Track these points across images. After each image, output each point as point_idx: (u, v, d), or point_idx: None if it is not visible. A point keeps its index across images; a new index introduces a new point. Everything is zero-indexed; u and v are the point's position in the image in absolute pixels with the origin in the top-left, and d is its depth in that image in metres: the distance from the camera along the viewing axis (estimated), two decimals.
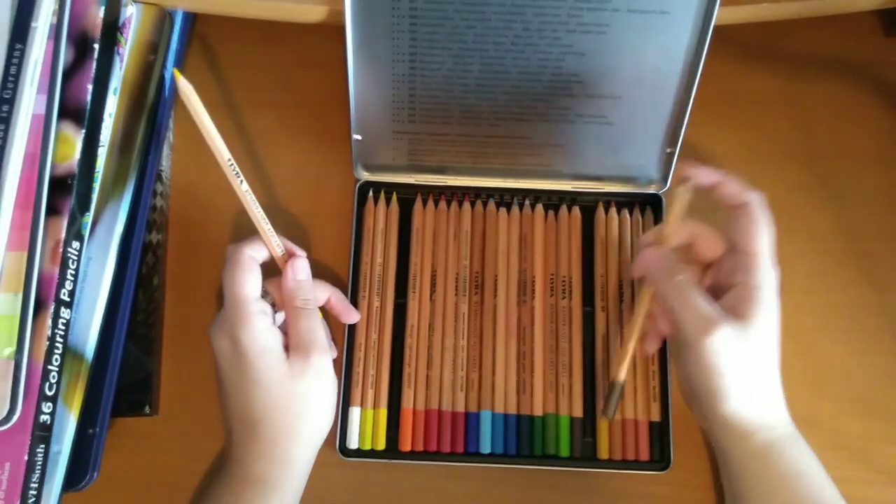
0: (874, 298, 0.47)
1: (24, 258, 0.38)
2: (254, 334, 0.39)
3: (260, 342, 0.39)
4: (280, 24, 0.45)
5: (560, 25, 0.40)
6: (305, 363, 0.39)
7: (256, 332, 0.39)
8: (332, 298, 0.44)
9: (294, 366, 0.39)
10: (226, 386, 0.40)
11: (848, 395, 0.45)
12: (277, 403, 0.39)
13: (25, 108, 0.39)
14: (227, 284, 0.40)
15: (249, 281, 0.40)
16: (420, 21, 0.40)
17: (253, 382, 0.39)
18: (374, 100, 0.43)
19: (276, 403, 0.39)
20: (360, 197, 0.47)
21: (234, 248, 0.41)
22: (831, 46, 0.52)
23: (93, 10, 0.41)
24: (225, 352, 0.39)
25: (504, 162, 0.47)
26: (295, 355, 0.39)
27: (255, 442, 0.39)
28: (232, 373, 0.39)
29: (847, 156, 0.50)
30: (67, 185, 0.39)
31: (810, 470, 0.39)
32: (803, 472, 0.38)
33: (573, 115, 0.44)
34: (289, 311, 0.41)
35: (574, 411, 0.44)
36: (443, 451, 0.44)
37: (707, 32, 0.40)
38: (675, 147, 0.45)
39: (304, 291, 0.41)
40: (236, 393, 0.39)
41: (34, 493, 0.38)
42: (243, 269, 0.40)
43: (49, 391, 0.38)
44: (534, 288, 0.46)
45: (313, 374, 0.39)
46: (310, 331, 0.40)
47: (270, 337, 0.40)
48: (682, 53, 0.41)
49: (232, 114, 0.50)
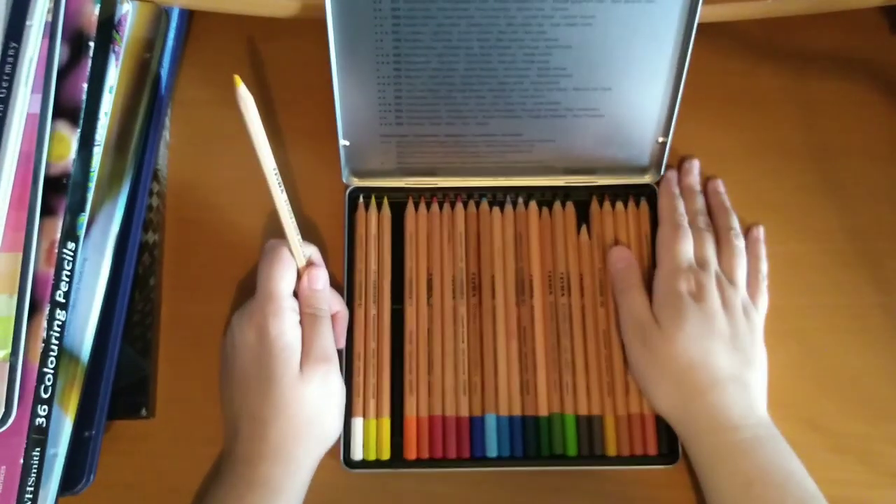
0: (879, 299, 0.47)
1: (18, 259, 0.38)
2: (282, 328, 0.39)
3: (286, 337, 0.40)
4: (276, 23, 0.45)
5: (545, 19, 0.40)
6: (315, 370, 0.40)
7: (285, 327, 0.40)
8: (339, 316, 0.44)
9: (305, 371, 0.40)
10: (239, 381, 0.40)
11: (852, 396, 0.45)
12: (288, 405, 0.39)
13: (20, 107, 0.39)
14: (264, 277, 0.41)
15: (286, 277, 0.41)
16: (403, 21, 0.40)
17: (271, 379, 0.39)
18: (361, 104, 0.43)
19: (287, 405, 0.39)
20: (350, 203, 0.47)
21: (276, 243, 0.41)
22: (836, 43, 0.51)
23: (88, 7, 0.41)
24: (250, 343, 0.40)
25: (495, 160, 0.47)
26: (305, 362, 0.40)
27: (263, 443, 0.39)
28: (251, 366, 0.40)
29: (852, 154, 0.49)
30: (62, 185, 0.39)
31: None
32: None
33: (563, 109, 0.44)
34: (303, 317, 0.41)
35: (579, 409, 0.44)
36: (448, 457, 0.43)
37: (694, 19, 0.40)
38: (667, 137, 0.45)
39: (318, 300, 0.42)
40: (251, 388, 0.40)
41: (30, 497, 0.38)
42: (282, 264, 0.41)
43: (45, 393, 0.38)
44: (532, 286, 0.46)
45: (321, 380, 0.40)
46: (321, 339, 0.41)
47: (295, 335, 0.40)
48: (670, 41, 0.41)
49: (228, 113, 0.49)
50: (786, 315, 0.46)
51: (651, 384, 0.42)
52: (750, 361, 0.42)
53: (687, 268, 0.43)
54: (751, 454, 0.39)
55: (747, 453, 0.39)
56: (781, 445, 0.40)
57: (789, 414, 0.44)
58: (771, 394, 0.43)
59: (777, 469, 0.39)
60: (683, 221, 0.45)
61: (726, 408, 0.40)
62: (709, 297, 0.42)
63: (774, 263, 0.46)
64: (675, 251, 0.44)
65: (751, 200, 0.48)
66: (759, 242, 0.46)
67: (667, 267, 0.44)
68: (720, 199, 0.47)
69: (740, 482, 0.39)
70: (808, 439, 0.44)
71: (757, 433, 0.40)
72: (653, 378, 0.42)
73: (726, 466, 0.39)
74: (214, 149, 0.49)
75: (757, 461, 0.39)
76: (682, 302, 0.42)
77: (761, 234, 0.46)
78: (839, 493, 0.42)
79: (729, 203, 0.47)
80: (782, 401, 0.44)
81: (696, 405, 0.41)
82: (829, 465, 0.43)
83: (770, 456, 0.39)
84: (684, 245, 0.44)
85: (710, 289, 0.42)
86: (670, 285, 0.43)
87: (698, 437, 0.41)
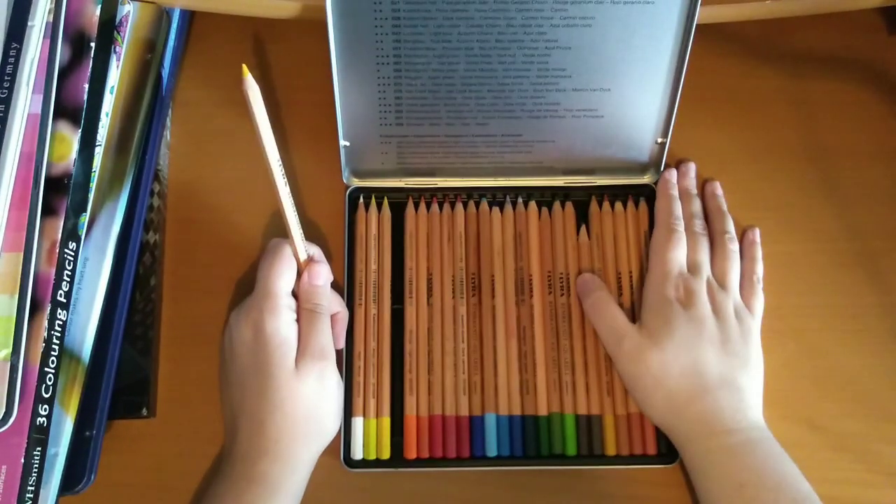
0: (878, 299, 0.47)
1: (20, 259, 0.38)
2: (278, 324, 0.40)
3: (282, 333, 0.40)
4: (277, 24, 0.45)
5: (545, 20, 0.40)
6: (311, 366, 0.40)
7: (281, 323, 0.40)
8: (338, 317, 0.44)
9: (301, 368, 0.40)
10: (237, 378, 0.40)
11: (851, 396, 0.45)
12: (285, 402, 0.39)
13: (21, 107, 0.39)
14: (264, 275, 0.41)
15: (285, 275, 0.41)
16: (403, 22, 0.40)
17: (267, 375, 0.39)
18: (361, 104, 0.43)
19: (284, 402, 0.39)
20: (350, 203, 0.47)
21: (278, 242, 0.42)
22: (834, 44, 0.51)
23: (89, 8, 0.41)
24: (246, 340, 0.40)
25: (495, 161, 0.47)
26: (301, 358, 0.40)
27: (261, 440, 0.39)
28: (248, 363, 0.40)
29: (850, 154, 0.49)
30: (64, 185, 0.39)
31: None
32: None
33: (562, 109, 0.44)
34: (301, 313, 0.41)
35: (579, 409, 0.44)
36: (448, 456, 0.43)
37: (692, 19, 0.40)
38: (666, 137, 0.45)
39: (317, 296, 0.42)
40: (248, 385, 0.40)
41: (31, 496, 0.38)
42: (282, 262, 0.41)
43: (45, 393, 0.38)
44: (531, 286, 0.46)
45: (317, 377, 0.40)
46: (318, 335, 0.41)
47: (291, 332, 0.40)
48: (669, 42, 0.41)
49: (229, 114, 0.50)
50: (784, 315, 0.46)
51: (642, 393, 0.42)
52: (743, 365, 0.42)
53: (677, 274, 0.43)
54: (743, 457, 0.39)
55: (740, 456, 0.39)
56: (775, 448, 0.40)
57: (787, 413, 0.44)
58: (769, 393, 0.43)
59: (770, 472, 0.39)
60: (678, 226, 0.45)
61: (719, 412, 0.40)
62: (698, 303, 0.42)
63: (773, 263, 0.47)
64: (666, 257, 0.44)
65: (749, 200, 0.48)
66: (754, 245, 0.46)
67: (657, 273, 0.44)
68: (717, 202, 0.47)
69: (733, 485, 0.39)
70: (806, 439, 0.44)
71: (750, 436, 0.40)
72: (644, 387, 0.42)
73: (718, 470, 0.40)
74: (215, 149, 0.49)
75: (749, 464, 0.39)
76: (670, 309, 0.42)
77: (757, 237, 0.47)
78: (837, 493, 0.43)
79: (725, 206, 0.47)
80: (780, 400, 0.44)
81: (689, 412, 0.41)
82: (826, 465, 0.44)
83: (763, 458, 0.39)
84: (676, 251, 0.44)
85: (700, 294, 0.42)
86: (659, 292, 0.43)
87: (691, 442, 0.41)
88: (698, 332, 0.41)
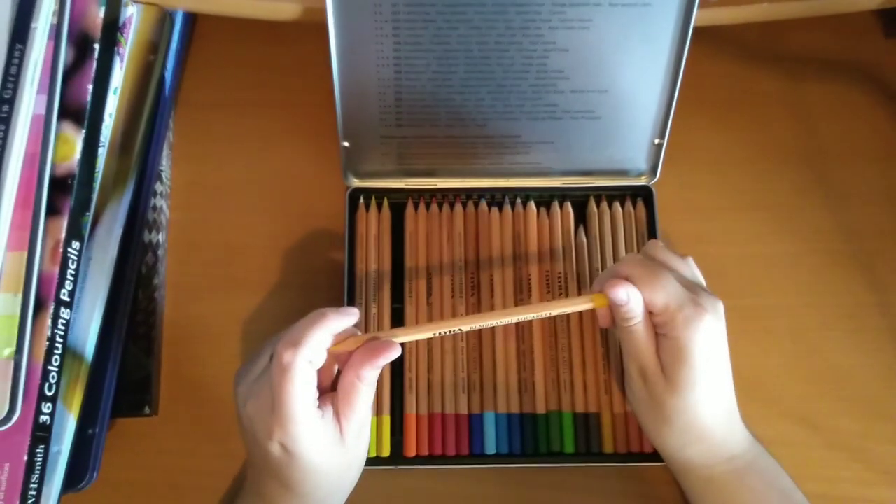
0: (874, 298, 0.47)
1: (23, 258, 0.38)
2: (311, 441, 0.35)
3: (320, 443, 0.35)
4: (278, 26, 0.46)
5: (543, 23, 0.41)
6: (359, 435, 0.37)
7: (315, 437, 0.35)
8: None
9: (347, 436, 0.36)
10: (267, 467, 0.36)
11: (848, 394, 0.45)
12: (328, 473, 0.37)
13: (26, 108, 0.39)
14: (282, 399, 0.34)
15: (308, 393, 0.34)
16: (403, 24, 0.40)
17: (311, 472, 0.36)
18: (361, 106, 0.44)
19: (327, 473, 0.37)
20: (350, 204, 0.47)
21: (291, 355, 0.33)
22: (831, 47, 0.52)
23: (93, 10, 0.42)
24: (276, 455, 0.35)
25: (494, 162, 0.47)
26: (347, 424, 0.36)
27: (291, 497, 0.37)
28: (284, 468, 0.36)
29: (847, 156, 0.50)
30: (67, 185, 0.40)
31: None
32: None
33: (560, 111, 0.44)
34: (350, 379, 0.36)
35: (577, 407, 0.44)
36: (448, 454, 0.44)
37: (689, 22, 0.41)
38: (663, 138, 0.46)
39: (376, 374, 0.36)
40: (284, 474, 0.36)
41: (34, 494, 0.38)
42: (301, 381, 0.34)
43: (49, 391, 0.38)
44: (530, 286, 0.46)
45: (365, 444, 0.38)
46: (367, 406, 0.37)
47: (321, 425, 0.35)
48: (666, 45, 0.42)
49: (230, 113, 0.50)
50: (780, 314, 0.46)
51: (650, 424, 0.40)
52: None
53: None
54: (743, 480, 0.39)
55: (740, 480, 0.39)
56: (769, 462, 0.40)
57: (783, 412, 0.44)
58: (765, 392, 0.44)
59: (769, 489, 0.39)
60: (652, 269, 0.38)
61: (724, 444, 0.39)
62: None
63: (769, 264, 0.47)
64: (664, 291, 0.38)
65: (745, 201, 0.48)
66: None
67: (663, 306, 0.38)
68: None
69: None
70: (802, 437, 0.44)
71: (746, 458, 0.39)
72: (653, 420, 0.40)
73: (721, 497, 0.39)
74: (217, 150, 0.50)
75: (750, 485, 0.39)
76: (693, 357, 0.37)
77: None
78: (833, 491, 0.43)
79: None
80: (777, 399, 0.45)
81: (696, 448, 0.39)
82: (822, 463, 0.44)
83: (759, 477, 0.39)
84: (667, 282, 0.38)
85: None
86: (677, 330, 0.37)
87: (693, 471, 0.40)
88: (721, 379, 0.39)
